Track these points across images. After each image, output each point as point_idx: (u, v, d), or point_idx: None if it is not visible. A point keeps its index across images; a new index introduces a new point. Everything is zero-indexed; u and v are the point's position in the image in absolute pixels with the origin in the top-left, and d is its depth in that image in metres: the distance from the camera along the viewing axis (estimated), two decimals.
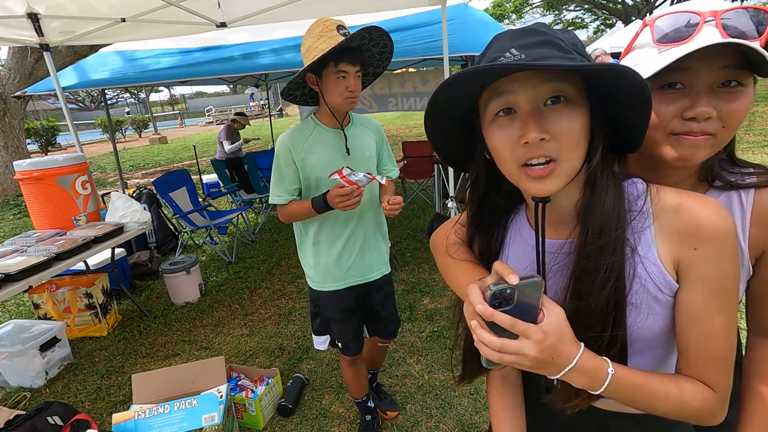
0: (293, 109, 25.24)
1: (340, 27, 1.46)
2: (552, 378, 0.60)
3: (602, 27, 21.75)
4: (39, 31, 3.08)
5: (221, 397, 1.84)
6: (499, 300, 0.55)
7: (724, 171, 0.73)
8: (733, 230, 0.57)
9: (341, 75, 1.47)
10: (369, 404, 2.05)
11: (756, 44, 0.56)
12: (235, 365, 2.41)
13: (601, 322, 0.60)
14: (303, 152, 1.58)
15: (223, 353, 2.78)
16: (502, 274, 0.56)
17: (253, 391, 2.18)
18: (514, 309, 0.55)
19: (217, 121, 26.49)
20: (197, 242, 4.91)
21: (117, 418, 1.79)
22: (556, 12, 21.87)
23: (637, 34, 0.71)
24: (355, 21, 4.08)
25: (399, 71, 5.61)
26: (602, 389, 0.57)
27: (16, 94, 5.88)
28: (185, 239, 4.66)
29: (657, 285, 0.60)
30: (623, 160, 0.77)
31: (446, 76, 3.05)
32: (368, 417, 2.04)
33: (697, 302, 0.59)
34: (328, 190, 1.51)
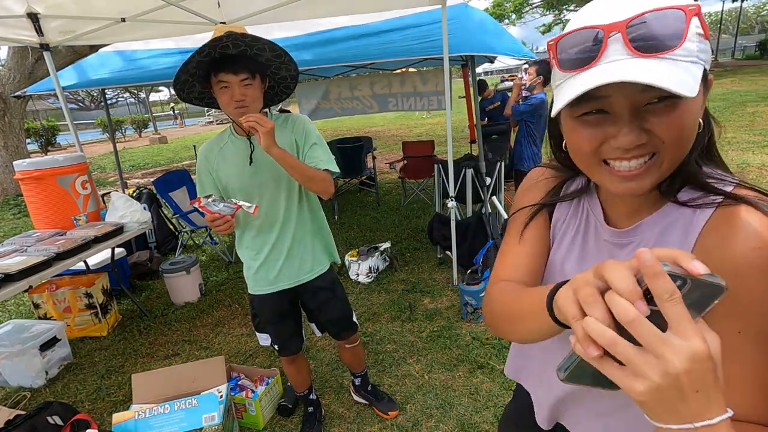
0: (293, 109, 25.22)
1: (229, 32, 1.39)
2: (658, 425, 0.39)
3: None
4: (39, 31, 3.08)
5: (221, 397, 1.84)
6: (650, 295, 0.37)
7: (693, 177, 0.60)
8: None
9: (224, 85, 1.44)
10: (311, 396, 2.13)
11: (675, 54, 0.47)
12: (235, 365, 2.41)
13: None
14: (215, 163, 1.63)
15: (223, 353, 2.78)
16: (678, 259, 0.37)
17: (253, 391, 2.18)
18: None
19: (216, 121, 26.47)
20: (197, 242, 4.91)
21: (117, 418, 1.79)
22: (556, 12, 21.86)
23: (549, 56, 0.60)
24: (355, 21, 4.08)
25: (399, 71, 5.61)
26: None
27: (16, 93, 5.87)
28: (185, 239, 4.66)
29: None
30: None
31: (446, 76, 3.05)
32: (310, 409, 2.12)
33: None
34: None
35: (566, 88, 0.52)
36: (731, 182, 0.57)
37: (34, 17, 2.96)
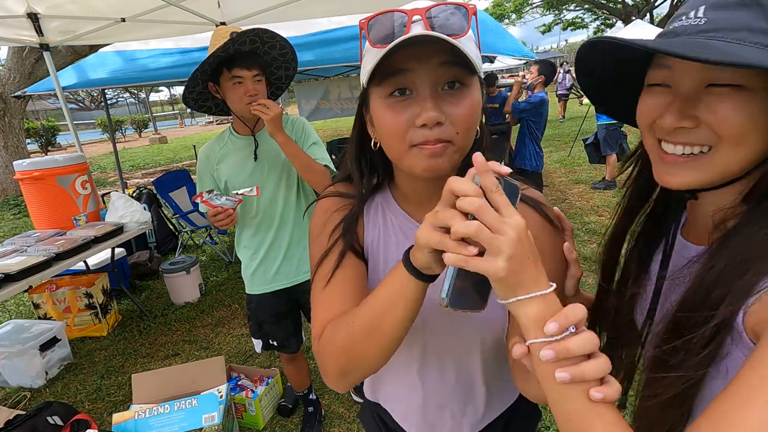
0: (293, 109, 25.25)
1: (234, 33, 1.45)
2: (502, 301, 0.47)
3: (602, 27, 21.76)
4: (39, 31, 3.07)
5: (221, 397, 1.84)
6: None
7: None
8: None
9: (237, 81, 1.46)
10: (311, 396, 2.13)
11: (462, 40, 0.54)
12: (235, 365, 2.41)
13: (696, 349, 0.49)
14: (216, 162, 1.65)
15: (223, 353, 2.78)
16: (493, 166, 0.47)
17: (253, 391, 2.18)
18: None
19: (216, 121, 26.48)
20: (197, 242, 4.91)
21: (117, 418, 1.79)
22: (556, 12, 21.87)
23: (360, 40, 0.63)
24: (354, 21, 4.08)
25: None
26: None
27: (16, 93, 5.87)
28: (185, 239, 4.66)
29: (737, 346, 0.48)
30: None
31: None
32: (310, 409, 2.12)
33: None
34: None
35: (369, 61, 0.57)
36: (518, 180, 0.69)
37: (34, 17, 2.95)
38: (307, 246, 0.83)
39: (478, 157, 0.46)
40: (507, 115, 4.24)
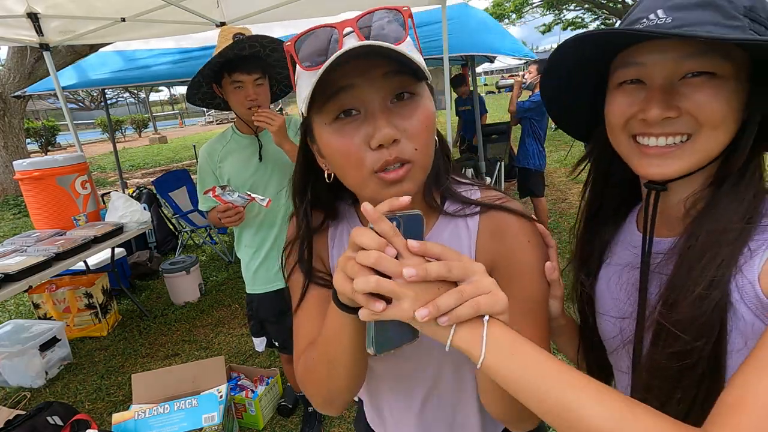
0: (293, 109, 25.25)
1: (237, 35, 1.46)
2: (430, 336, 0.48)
3: (602, 27, 21.73)
4: (39, 31, 3.07)
5: (221, 397, 1.84)
6: None
7: (450, 190, 0.65)
8: None
9: (237, 85, 1.48)
10: None
11: (401, 47, 0.48)
12: (235, 365, 2.41)
13: (692, 342, 0.50)
14: (219, 160, 1.65)
15: (223, 353, 2.78)
16: (391, 205, 0.46)
17: (253, 391, 2.17)
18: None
19: (216, 120, 26.49)
20: (197, 242, 4.91)
21: (117, 418, 1.79)
22: (556, 12, 21.86)
23: (290, 65, 0.56)
24: None
25: None
26: (483, 350, 0.45)
27: (16, 93, 5.87)
28: (185, 239, 4.66)
29: (752, 310, 0.48)
30: None
31: (446, 76, 3.04)
32: (310, 409, 2.13)
33: None
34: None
35: (306, 85, 0.51)
36: (472, 186, 0.67)
37: (34, 17, 2.95)
38: None
39: (366, 206, 0.45)
40: (510, 115, 4.23)
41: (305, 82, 0.53)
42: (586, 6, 20.19)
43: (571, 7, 21.16)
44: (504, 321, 0.47)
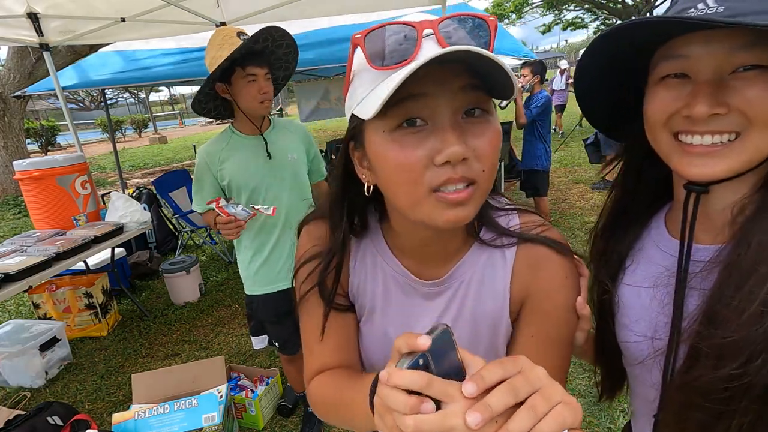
0: (293, 109, 25.27)
1: (240, 33, 1.48)
2: None
3: (602, 27, 21.73)
4: (39, 31, 3.07)
5: (221, 397, 1.84)
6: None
7: (488, 217, 0.62)
8: None
9: (251, 78, 1.48)
10: None
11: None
12: (235, 365, 2.41)
13: (745, 364, 0.44)
14: (219, 161, 1.63)
15: (223, 353, 2.78)
16: (410, 344, 0.40)
17: (253, 391, 2.17)
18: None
19: (216, 120, 26.48)
20: (197, 242, 4.90)
21: (117, 418, 1.79)
22: (556, 12, 21.85)
23: (351, 59, 0.53)
24: (354, 21, 4.08)
25: None
26: None
27: (16, 93, 5.87)
28: (185, 239, 4.66)
29: None
30: None
31: None
32: (310, 409, 2.10)
33: None
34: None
35: (382, 87, 0.46)
36: (511, 210, 0.63)
37: (33, 17, 2.95)
38: None
39: (382, 376, 0.39)
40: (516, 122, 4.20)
41: (368, 80, 0.48)
42: (586, 6, 20.18)
43: (571, 8, 21.15)
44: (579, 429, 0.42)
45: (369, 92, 0.48)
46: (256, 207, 1.54)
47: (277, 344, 1.87)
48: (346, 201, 0.61)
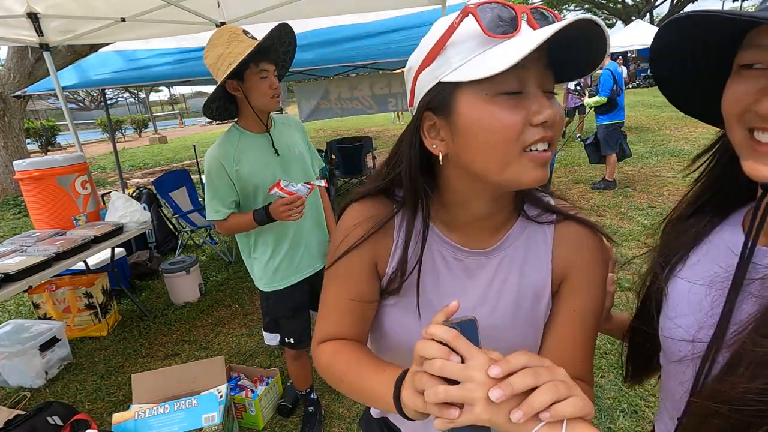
0: (293, 109, 25.26)
1: (246, 32, 1.50)
2: None
3: None
4: (39, 31, 3.08)
5: (221, 397, 1.84)
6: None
7: (532, 195, 0.68)
8: None
9: (264, 75, 1.50)
10: (312, 396, 2.12)
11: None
12: (235, 365, 2.41)
13: None
14: (234, 162, 1.58)
15: (223, 353, 2.78)
16: (444, 310, 0.50)
17: (253, 391, 2.18)
18: None
19: (216, 120, 26.48)
20: (197, 242, 4.91)
21: (117, 418, 1.79)
22: (556, 12, 21.90)
23: (453, 28, 0.53)
24: (354, 21, 4.08)
25: (399, 71, 5.61)
26: None
27: (16, 93, 5.87)
28: (185, 239, 4.66)
29: None
30: None
31: None
32: (310, 408, 2.11)
33: None
34: (270, 203, 1.56)
35: (498, 56, 0.49)
36: (546, 194, 0.70)
37: (34, 17, 2.96)
38: (321, 232, 0.84)
39: (424, 332, 0.49)
40: None
41: (470, 47, 0.52)
42: (586, 6, 20.17)
43: (571, 7, 21.16)
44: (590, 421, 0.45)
45: (472, 57, 0.52)
46: (311, 182, 1.58)
47: (291, 340, 1.85)
48: (421, 169, 0.63)
